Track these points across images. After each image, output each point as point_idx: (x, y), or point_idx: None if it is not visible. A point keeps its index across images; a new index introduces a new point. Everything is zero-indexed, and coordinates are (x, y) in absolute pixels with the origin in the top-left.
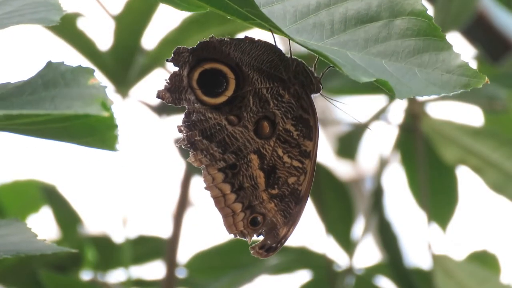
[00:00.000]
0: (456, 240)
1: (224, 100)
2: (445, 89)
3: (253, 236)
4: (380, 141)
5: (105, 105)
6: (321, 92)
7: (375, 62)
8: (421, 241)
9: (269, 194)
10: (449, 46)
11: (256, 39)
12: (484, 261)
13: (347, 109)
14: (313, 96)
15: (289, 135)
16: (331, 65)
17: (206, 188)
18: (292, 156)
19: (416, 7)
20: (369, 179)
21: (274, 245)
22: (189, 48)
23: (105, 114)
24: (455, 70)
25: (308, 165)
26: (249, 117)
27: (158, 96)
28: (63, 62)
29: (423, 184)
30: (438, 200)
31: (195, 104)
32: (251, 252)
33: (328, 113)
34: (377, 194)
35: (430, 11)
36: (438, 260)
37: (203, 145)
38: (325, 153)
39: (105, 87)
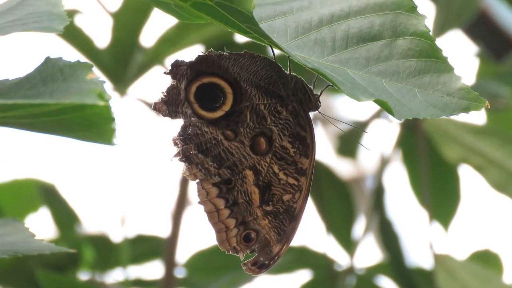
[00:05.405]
0: (458, 240)
1: (221, 114)
2: (445, 111)
3: (246, 252)
4: (381, 140)
5: (102, 96)
6: (319, 110)
7: (375, 81)
8: (422, 240)
9: (263, 210)
10: (450, 69)
11: (255, 54)
12: (487, 260)
13: (345, 120)
14: (311, 113)
15: (286, 152)
16: (330, 83)
17: (199, 203)
18: (288, 173)
19: (419, 27)
20: (370, 178)
21: (266, 262)
22: (187, 61)
23: (101, 103)
24: (455, 93)
25: (304, 182)
26: (246, 133)
27: (155, 109)
28: (61, 57)
29: (425, 183)
30: (440, 199)
31: (192, 118)
32: (244, 268)
33: (329, 112)
34: (378, 193)
35: (432, 9)
36: (440, 259)
37: (198, 159)
38: (326, 152)
39: (104, 81)
